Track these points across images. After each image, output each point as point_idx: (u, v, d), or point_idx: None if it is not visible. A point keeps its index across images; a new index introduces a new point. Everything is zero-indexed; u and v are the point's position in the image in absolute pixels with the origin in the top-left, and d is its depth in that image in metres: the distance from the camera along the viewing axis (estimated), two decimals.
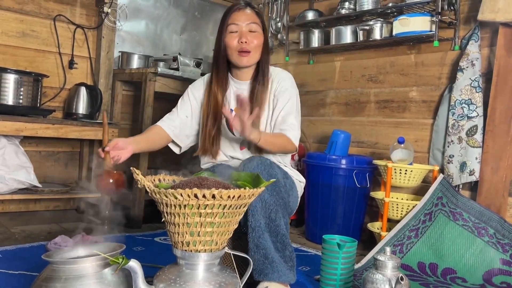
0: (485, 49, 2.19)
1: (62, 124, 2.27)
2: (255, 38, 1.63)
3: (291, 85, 1.69)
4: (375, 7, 2.51)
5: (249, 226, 1.41)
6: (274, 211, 1.43)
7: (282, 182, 1.50)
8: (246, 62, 1.64)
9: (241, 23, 1.62)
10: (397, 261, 1.29)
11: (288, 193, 1.54)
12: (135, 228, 2.42)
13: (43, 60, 2.55)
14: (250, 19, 1.63)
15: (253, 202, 1.39)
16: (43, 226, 2.33)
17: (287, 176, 1.59)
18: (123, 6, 2.77)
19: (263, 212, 1.41)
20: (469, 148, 2.13)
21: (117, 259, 1.05)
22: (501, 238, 1.89)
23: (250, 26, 1.62)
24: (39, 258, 1.19)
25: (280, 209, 1.45)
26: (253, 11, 1.66)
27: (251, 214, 1.40)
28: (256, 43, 1.63)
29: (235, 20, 1.63)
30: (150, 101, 2.49)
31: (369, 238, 2.41)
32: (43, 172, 2.60)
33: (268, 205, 1.42)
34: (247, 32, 1.62)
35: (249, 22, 1.62)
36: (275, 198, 1.43)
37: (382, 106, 2.61)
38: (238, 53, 1.62)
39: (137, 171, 1.11)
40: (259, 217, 1.41)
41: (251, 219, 1.41)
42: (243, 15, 1.63)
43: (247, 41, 1.61)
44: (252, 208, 1.40)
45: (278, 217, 1.44)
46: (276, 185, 1.44)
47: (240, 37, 1.61)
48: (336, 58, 2.86)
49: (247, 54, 1.62)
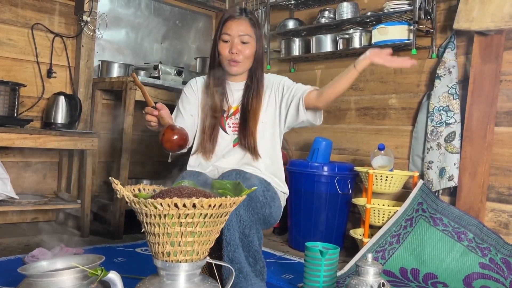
0: (461, 57, 2.24)
1: (40, 134, 2.22)
2: (246, 48, 1.64)
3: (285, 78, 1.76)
4: (354, 16, 2.55)
5: (224, 240, 1.42)
6: (248, 227, 1.43)
7: (259, 197, 1.49)
8: (235, 71, 1.67)
9: (233, 33, 1.63)
10: (379, 267, 1.30)
11: (269, 204, 1.53)
12: (116, 239, 2.38)
13: (21, 69, 2.50)
14: (243, 30, 1.64)
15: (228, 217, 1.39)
16: (21, 239, 2.27)
17: (268, 189, 1.58)
18: (103, 15, 2.75)
19: (237, 226, 1.41)
20: (448, 154, 2.17)
21: (96, 271, 1.03)
22: (480, 242, 1.92)
23: (242, 37, 1.64)
24: (15, 271, 1.16)
25: (254, 224, 1.46)
26: (248, 21, 1.67)
27: (226, 229, 1.41)
28: (247, 53, 1.65)
29: (228, 30, 1.64)
30: (131, 110, 2.47)
31: (352, 245, 2.42)
32: (20, 183, 2.54)
33: (243, 220, 1.42)
34: (238, 43, 1.64)
35: (242, 34, 1.63)
36: (250, 213, 1.44)
37: (362, 114, 2.64)
38: (228, 62, 1.65)
39: (116, 181, 1.10)
40: (234, 232, 1.41)
41: (227, 233, 1.41)
42: (237, 26, 1.64)
43: (237, 52, 1.63)
44: (228, 222, 1.40)
45: (252, 233, 1.44)
46: (252, 200, 1.44)
47: (231, 47, 1.63)
48: (316, 66, 2.89)
49: (236, 64, 1.65)
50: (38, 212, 2.56)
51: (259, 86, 1.69)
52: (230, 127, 1.70)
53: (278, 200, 1.62)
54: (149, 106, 1.42)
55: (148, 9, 3.07)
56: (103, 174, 2.86)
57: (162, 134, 1.30)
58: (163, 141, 1.30)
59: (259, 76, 1.71)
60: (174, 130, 1.32)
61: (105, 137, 2.85)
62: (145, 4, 3.06)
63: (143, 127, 2.96)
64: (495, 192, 2.11)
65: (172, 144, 1.30)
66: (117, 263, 1.93)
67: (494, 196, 2.11)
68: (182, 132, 1.32)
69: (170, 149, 1.31)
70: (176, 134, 1.31)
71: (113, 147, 2.84)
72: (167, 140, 1.29)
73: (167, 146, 1.30)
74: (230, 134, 1.69)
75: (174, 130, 1.32)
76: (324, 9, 2.71)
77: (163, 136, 1.30)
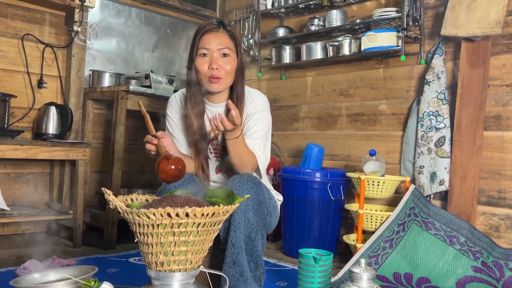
0: (449, 62, 2.27)
1: (31, 145, 2.21)
2: (227, 63, 1.53)
3: (263, 108, 1.61)
4: (344, 24, 2.57)
5: (230, 241, 1.40)
6: (254, 231, 1.43)
7: (267, 203, 1.50)
8: (216, 89, 1.55)
9: (212, 47, 1.52)
10: (372, 273, 1.30)
11: (270, 213, 1.54)
12: (109, 249, 2.36)
13: (11, 80, 2.49)
14: (222, 43, 1.52)
15: (236, 218, 1.39)
16: (12, 251, 2.25)
17: (270, 197, 1.59)
18: (94, 25, 2.75)
19: (244, 229, 1.41)
20: (438, 158, 2.19)
21: (89, 282, 1.03)
22: (472, 245, 1.94)
23: (222, 50, 1.52)
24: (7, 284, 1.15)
25: (260, 229, 1.46)
26: (227, 33, 1.55)
27: (233, 230, 1.40)
28: (228, 68, 1.53)
29: (206, 43, 1.52)
30: (122, 119, 2.46)
31: (346, 251, 2.43)
32: (11, 195, 2.52)
33: (250, 223, 1.41)
34: (218, 57, 1.52)
35: (222, 47, 1.52)
36: (258, 218, 1.43)
37: (353, 120, 2.66)
38: (208, 79, 1.53)
39: (108, 191, 1.10)
40: (240, 234, 1.40)
41: (233, 235, 1.40)
42: (215, 39, 1.52)
43: (218, 68, 1.52)
44: (235, 224, 1.40)
45: (257, 238, 1.44)
46: (260, 205, 1.44)
47: (211, 62, 1.52)
48: (307, 73, 2.91)
49: (218, 81, 1.53)
50: (30, 223, 2.54)
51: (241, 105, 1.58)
52: (211, 152, 1.64)
53: (277, 210, 1.64)
54: (150, 135, 1.37)
55: (139, 18, 3.08)
56: (95, 184, 2.84)
57: (157, 164, 1.26)
58: (157, 171, 1.27)
59: (239, 93, 1.59)
60: (169, 160, 1.26)
61: (96, 147, 2.84)
62: (136, 14, 3.06)
63: (135, 136, 2.98)
64: (486, 196, 2.13)
65: (166, 174, 1.26)
66: (110, 274, 1.91)
67: (485, 199, 2.13)
68: (177, 162, 1.27)
69: (165, 179, 1.27)
70: (171, 164, 1.26)
71: (105, 157, 2.83)
72: (162, 170, 1.26)
73: (162, 176, 1.26)
74: (212, 160, 1.64)
75: (169, 160, 1.27)
76: (313, 17, 2.74)
77: (158, 166, 1.26)
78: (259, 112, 1.59)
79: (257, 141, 1.55)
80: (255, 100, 1.62)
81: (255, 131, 1.56)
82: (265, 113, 1.61)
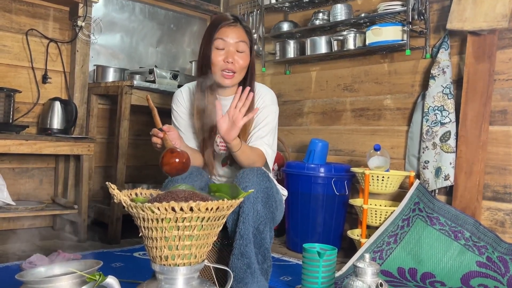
0: (455, 56, 2.26)
1: (36, 140, 2.22)
2: (241, 58, 1.55)
3: (272, 102, 1.64)
4: (348, 18, 2.56)
5: (238, 232, 1.41)
6: (263, 224, 1.43)
7: (275, 197, 1.50)
8: (229, 83, 1.57)
9: (229, 40, 1.53)
10: (376, 268, 1.30)
11: (277, 208, 1.54)
12: (114, 244, 2.37)
13: (16, 75, 2.50)
14: (239, 37, 1.54)
15: (246, 210, 1.39)
16: (18, 245, 2.27)
17: (277, 192, 1.59)
18: (98, 20, 2.75)
19: (253, 221, 1.41)
20: (443, 153, 2.18)
21: (94, 276, 1.03)
22: (477, 241, 1.93)
23: (238, 45, 1.54)
24: (13, 278, 1.16)
25: (269, 222, 1.46)
26: (243, 29, 1.57)
27: (242, 222, 1.40)
28: (242, 63, 1.55)
29: (223, 35, 1.53)
30: (127, 114, 2.47)
31: (350, 246, 2.42)
32: (17, 190, 2.53)
33: (259, 215, 1.42)
34: (234, 51, 1.54)
35: (238, 41, 1.53)
36: (267, 210, 1.44)
37: (358, 115, 2.65)
38: (222, 72, 1.55)
39: (113, 185, 1.10)
40: (249, 226, 1.40)
41: (241, 226, 1.40)
42: (233, 32, 1.54)
43: (233, 61, 1.53)
44: (244, 215, 1.40)
45: (265, 230, 1.44)
46: (269, 198, 1.44)
47: (227, 56, 1.53)
48: (311, 68, 2.90)
49: (231, 76, 1.55)
50: (35, 218, 2.55)
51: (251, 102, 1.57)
52: (218, 145, 1.65)
53: (283, 204, 1.64)
54: (156, 128, 1.38)
55: (143, 13, 3.08)
56: (100, 179, 2.85)
57: (162, 157, 1.26)
58: (161, 164, 1.27)
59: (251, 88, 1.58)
60: (173, 153, 1.27)
61: (101, 142, 2.84)
62: (140, 9, 3.06)
63: (139, 131, 2.98)
64: (491, 191, 2.12)
65: (170, 167, 1.26)
66: (115, 268, 1.92)
67: (490, 194, 2.12)
68: (182, 155, 1.27)
69: (169, 172, 1.27)
70: (175, 157, 1.26)
71: (110, 152, 2.83)
72: (166, 163, 1.26)
73: (166, 169, 1.26)
74: (219, 153, 1.64)
75: (173, 153, 1.27)
76: (318, 11, 2.73)
77: (162, 159, 1.26)
78: (268, 106, 1.62)
79: (266, 135, 1.57)
80: (263, 94, 1.64)
81: (264, 125, 1.59)
82: (274, 107, 1.64)
